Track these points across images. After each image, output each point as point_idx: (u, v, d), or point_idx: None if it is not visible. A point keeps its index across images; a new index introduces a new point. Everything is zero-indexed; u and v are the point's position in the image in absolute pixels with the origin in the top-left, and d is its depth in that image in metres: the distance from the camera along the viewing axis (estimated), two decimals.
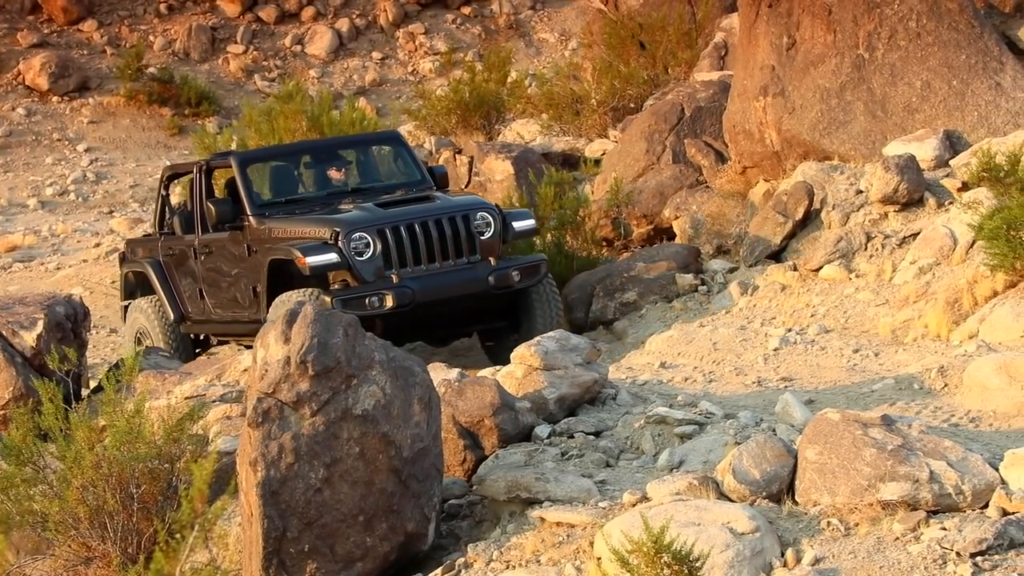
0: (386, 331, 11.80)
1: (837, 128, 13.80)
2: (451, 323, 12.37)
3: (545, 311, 12.41)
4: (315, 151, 13.88)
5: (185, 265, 13.48)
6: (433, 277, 12.05)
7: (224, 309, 13.14)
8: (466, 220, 12.25)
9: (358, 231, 11.98)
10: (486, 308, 12.35)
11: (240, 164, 13.00)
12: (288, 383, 7.55)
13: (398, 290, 11.83)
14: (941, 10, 13.71)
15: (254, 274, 12.57)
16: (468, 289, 12.12)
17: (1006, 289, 11.22)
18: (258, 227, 12.57)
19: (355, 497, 7.57)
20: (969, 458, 7.16)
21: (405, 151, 13.68)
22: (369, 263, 11.94)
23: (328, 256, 11.93)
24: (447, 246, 12.12)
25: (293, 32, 27.40)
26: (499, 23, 27.50)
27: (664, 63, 19.38)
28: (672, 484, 7.55)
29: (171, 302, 13.60)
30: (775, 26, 14.13)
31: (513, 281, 12.22)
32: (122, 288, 14.55)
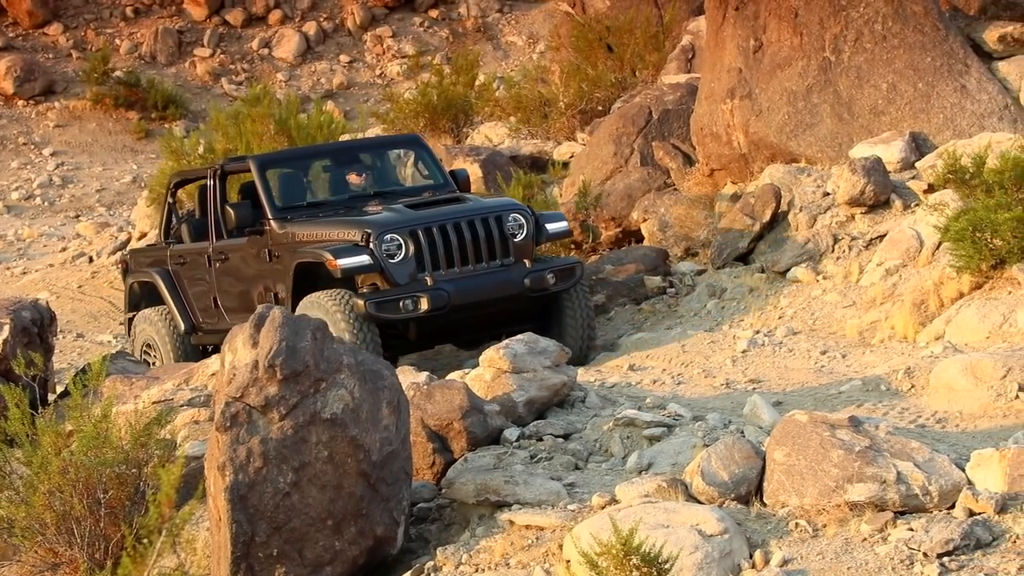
0: (419, 334, 11.73)
1: (804, 130, 13.85)
2: (484, 326, 12.01)
3: (576, 316, 12.10)
4: (335, 154, 13.53)
5: (197, 273, 13.11)
6: (468, 279, 11.73)
7: (240, 317, 12.74)
8: (499, 221, 11.92)
9: (390, 232, 11.62)
10: (520, 311, 12.00)
11: (259, 167, 12.64)
12: (256, 387, 7.53)
13: (433, 293, 11.52)
14: (906, 13, 13.77)
15: (276, 279, 12.23)
16: (503, 292, 11.80)
17: (972, 290, 11.28)
18: (279, 231, 12.18)
19: (324, 501, 7.56)
20: (936, 459, 7.19)
21: (427, 154, 13.36)
22: (402, 265, 11.60)
23: (360, 258, 11.57)
24: (480, 248, 11.80)
25: (260, 35, 27.35)
26: (467, 26, 27.50)
27: (632, 66, 19.41)
28: (641, 486, 7.56)
29: (181, 312, 13.22)
30: (742, 29, 14.18)
31: (548, 284, 11.89)
32: (126, 300, 14.09)
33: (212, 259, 12.89)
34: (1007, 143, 12.30)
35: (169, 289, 13.29)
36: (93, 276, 18.90)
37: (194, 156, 18.41)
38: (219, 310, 12.91)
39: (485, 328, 12.03)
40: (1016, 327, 10.65)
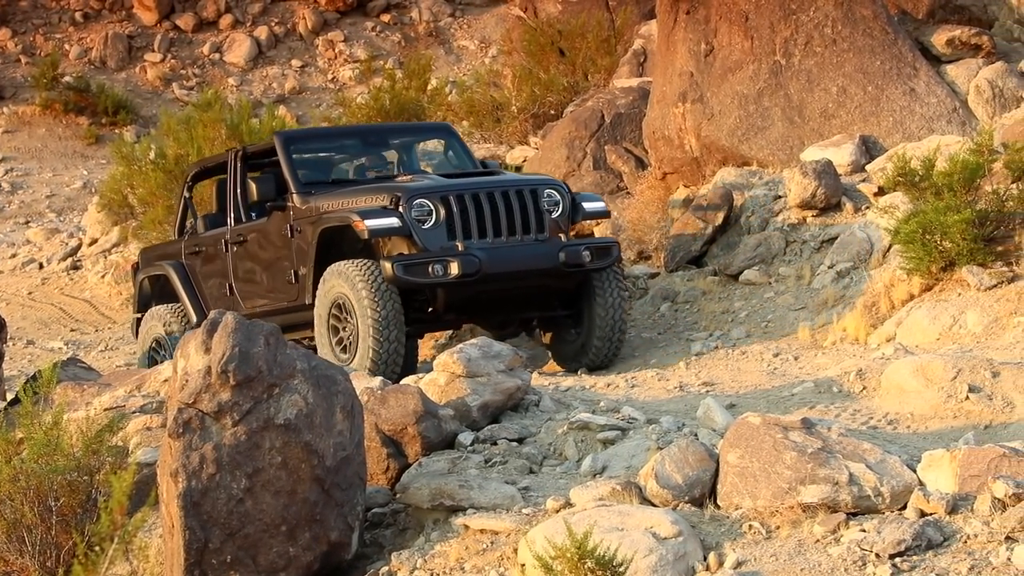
0: (447, 304, 11.24)
1: (755, 134, 13.91)
2: (515, 302, 11.47)
3: (609, 300, 11.49)
4: (364, 135, 13.28)
5: (212, 262, 12.70)
6: (501, 249, 11.12)
7: (258, 301, 12.32)
8: (534, 195, 11.37)
9: (420, 197, 11.07)
10: (553, 289, 11.46)
11: (284, 142, 12.22)
12: (209, 393, 7.50)
13: (465, 258, 10.92)
14: (856, 17, 13.86)
15: (298, 255, 11.75)
16: (537, 264, 11.19)
17: (922, 292, 11.37)
18: (303, 206, 11.71)
19: (277, 507, 7.53)
20: (887, 460, 7.24)
21: (457, 143, 12.92)
22: (432, 232, 11.02)
23: (389, 220, 11.01)
24: (514, 220, 11.22)
25: (211, 40, 27.24)
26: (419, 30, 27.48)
27: (584, 70, 19.44)
28: (595, 490, 7.58)
29: (194, 304, 12.76)
30: (693, 33, 14.23)
31: (584, 260, 11.26)
32: (135, 299, 13.62)
33: (230, 243, 12.47)
34: (956, 146, 12.40)
35: (182, 281, 12.88)
36: (43, 282, 18.77)
37: (145, 161, 18.31)
38: (234, 297, 12.49)
39: (516, 308, 11.55)
40: (966, 328, 10.74)
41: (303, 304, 11.64)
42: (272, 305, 12.11)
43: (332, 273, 11.18)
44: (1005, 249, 11.24)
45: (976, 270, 11.06)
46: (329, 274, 11.21)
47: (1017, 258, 11.11)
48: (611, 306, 11.48)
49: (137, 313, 13.50)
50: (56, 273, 18.95)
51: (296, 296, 11.80)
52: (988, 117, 13.64)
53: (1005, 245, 11.26)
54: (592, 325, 11.43)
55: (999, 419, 8.68)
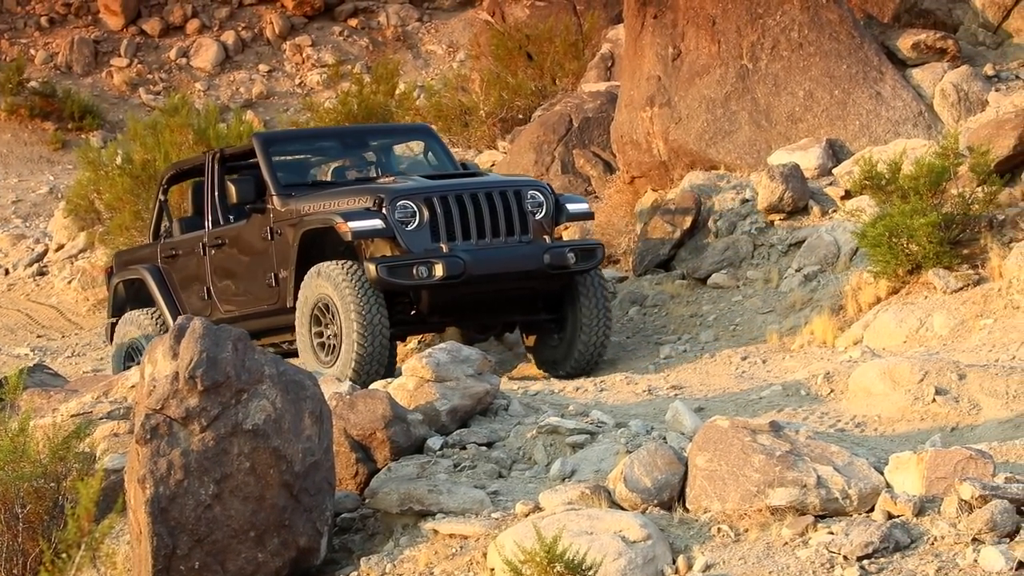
0: (431, 306, 11.18)
1: (723, 138, 13.95)
2: (499, 305, 11.41)
3: (593, 303, 11.43)
4: (343, 136, 13.24)
5: (189, 265, 12.56)
6: (485, 251, 11.09)
7: (236, 305, 12.21)
8: (518, 196, 11.31)
9: (404, 199, 11.02)
10: (537, 292, 11.40)
11: (264, 143, 12.13)
12: (177, 399, 7.48)
13: (449, 260, 10.89)
14: (822, 21, 13.92)
15: (277, 260, 11.66)
16: (522, 266, 11.14)
17: (889, 295, 11.42)
18: (283, 208, 11.62)
19: (246, 513, 7.51)
20: (855, 463, 7.26)
21: (437, 144, 12.86)
22: (415, 234, 10.98)
23: (372, 222, 10.95)
24: (498, 222, 11.17)
25: (178, 45, 27.16)
26: (386, 35, 27.46)
27: (551, 74, 19.47)
28: (564, 494, 7.58)
29: (170, 308, 12.54)
30: (660, 37, 14.26)
31: (569, 262, 11.21)
32: (110, 304, 13.39)
33: (208, 247, 12.34)
34: (922, 149, 12.46)
35: (158, 285, 12.70)
36: (9, 288, 18.67)
37: (111, 167, 18.23)
38: (212, 301, 12.35)
39: (499, 310, 11.51)
40: (932, 331, 10.79)
41: (283, 307, 11.55)
42: (251, 309, 12.01)
43: (315, 274, 11.09)
44: (971, 252, 11.30)
45: (942, 273, 11.11)
46: (312, 275, 11.11)
47: (983, 261, 11.17)
48: (595, 309, 11.41)
49: (112, 318, 13.31)
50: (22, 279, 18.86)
51: (276, 299, 11.70)
52: (953, 120, 13.71)
53: (971, 248, 11.32)
54: (576, 328, 11.36)
55: (966, 421, 8.73)
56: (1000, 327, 10.46)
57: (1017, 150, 12.08)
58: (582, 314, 11.39)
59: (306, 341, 11.18)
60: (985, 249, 11.22)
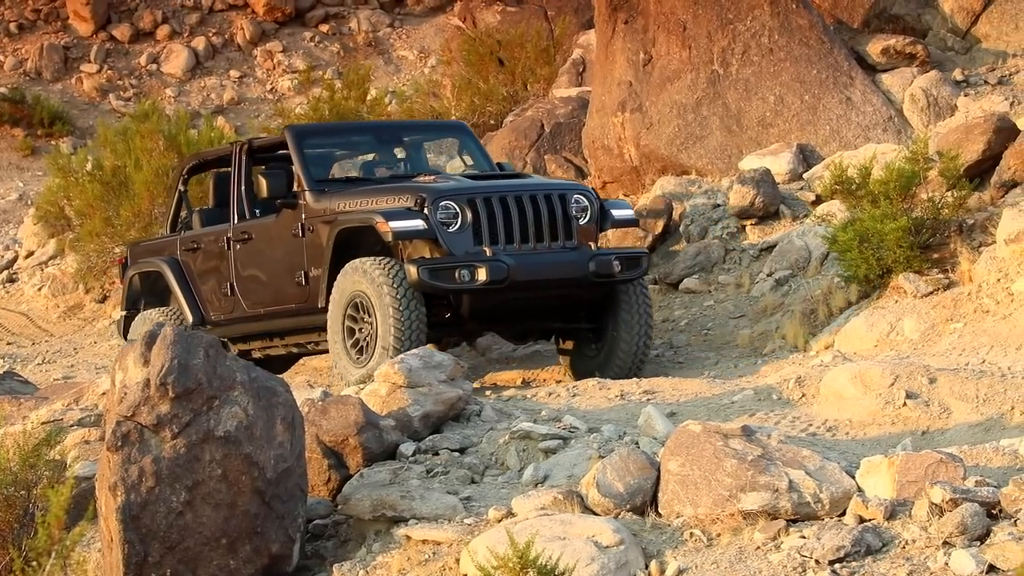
0: (472, 311, 10.78)
1: (694, 143, 13.99)
2: (540, 312, 11.02)
3: (635, 313, 11.04)
4: (377, 131, 12.80)
5: (211, 260, 12.09)
6: (529, 256, 10.67)
7: (261, 302, 11.75)
8: (563, 200, 10.88)
9: (446, 199, 10.59)
10: (579, 300, 11.00)
11: (296, 137, 11.66)
12: (148, 406, 7.46)
13: (493, 264, 10.48)
14: (792, 26, 13.98)
15: (308, 258, 11.22)
16: (567, 273, 10.74)
17: (860, 299, 11.46)
18: (315, 204, 11.18)
19: (218, 520, 7.49)
20: (827, 467, 7.28)
21: (472, 142, 12.38)
22: (457, 235, 10.57)
23: (414, 222, 10.51)
24: (542, 227, 10.76)
25: (148, 51, 27.09)
26: (358, 40, 27.44)
27: (523, 79, 19.48)
28: (537, 499, 7.58)
29: (190, 303, 12.12)
30: (631, 42, 14.29)
31: (614, 271, 10.80)
32: (123, 296, 12.88)
33: (233, 241, 11.88)
34: (892, 154, 12.52)
35: (177, 278, 12.23)
36: None
37: (82, 173, 18.17)
38: (235, 297, 11.91)
39: (539, 318, 11.12)
40: (903, 335, 10.83)
41: (313, 307, 11.19)
42: (278, 307, 11.63)
43: (352, 270, 10.72)
44: (941, 256, 11.35)
45: (912, 277, 11.16)
46: (348, 271, 10.74)
47: (953, 265, 11.22)
48: (637, 319, 11.07)
49: (124, 311, 12.85)
50: None
51: (305, 298, 11.33)
52: (923, 125, 13.78)
53: (941, 252, 11.37)
54: (617, 338, 11.03)
55: (936, 425, 8.76)
56: (970, 331, 10.51)
57: (986, 155, 12.14)
58: (623, 325, 11.04)
59: (338, 339, 10.81)
60: (955, 253, 11.27)
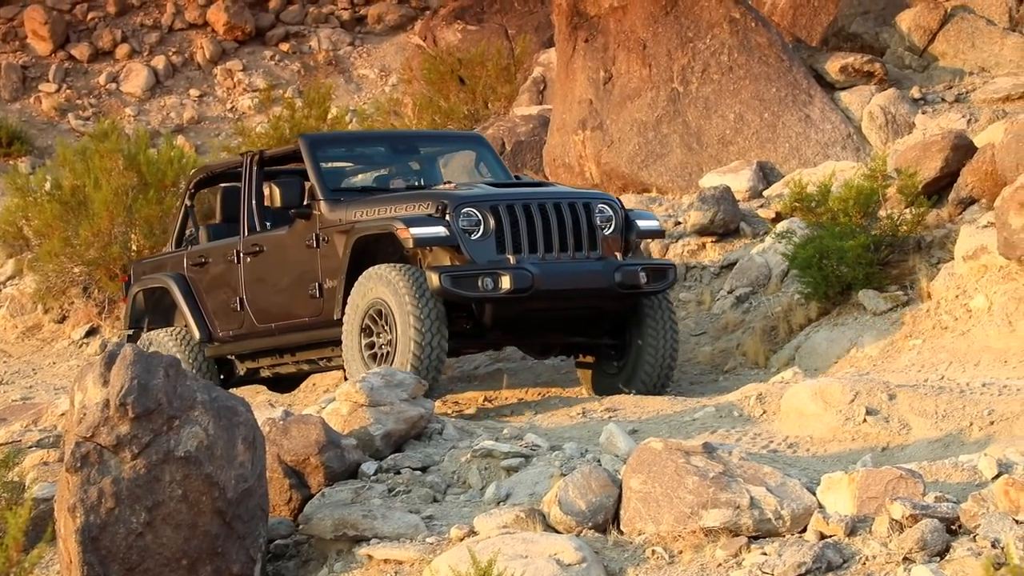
0: (494, 321, 10.46)
1: (654, 160, 14.03)
2: (563, 324, 10.70)
3: (661, 331, 10.72)
4: (393, 141, 12.45)
5: (220, 274, 11.75)
6: (554, 264, 10.36)
7: (273, 317, 11.41)
8: (587, 209, 10.57)
9: (468, 206, 10.30)
10: (604, 313, 10.69)
11: (310, 146, 11.34)
12: (107, 426, 7.41)
13: (517, 272, 10.17)
14: (751, 44, 14.05)
15: (324, 266, 10.90)
16: (592, 283, 10.41)
17: (820, 316, 11.51)
18: (331, 214, 10.87)
19: (178, 540, 7.45)
20: (787, 483, 7.30)
21: (489, 154, 12.11)
22: (480, 243, 10.26)
23: (436, 229, 10.21)
24: (566, 235, 10.45)
25: (108, 70, 27.00)
26: (318, 59, 27.41)
27: (484, 98, 19.51)
28: (499, 517, 7.57)
29: (197, 319, 11.76)
30: (592, 61, 14.33)
31: (641, 282, 10.46)
32: (127, 314, 12.47)
33: (243, 254, 11.54)
34: (850, 171, 12.59)
35: (184, 295, 11.88)
36: None
37: (40, 193, 18.06)
38: (245, 312, 11.57)
39: (562, 330, 10.79)
40: (863, 352, 10.88)
41: (327, 320, 10.87)
42: (290, 321, 11.30)
43: (371, 278, 10.38)
44: (900, 273, 11.41)
45: (872, 294, 11.22)
46: (367, 277, 10.41)
47: (912, 282, 11.28)
48: (663, 334, 10.74)
49: (128, 329, 12.43)
50: None
51: (320, 311, 11.00)
52: (881, 143, 13.87)
53: (900, 269, 11.44)
54: (643, 353, 10.72)
55: (896, 441, 8.80)
56: (929, 347, 10.57)
57: (944, 172, 12.23)
58: (648, 339, 10.72)
59: (355, 349, 10.49)
60: (914, 270, 11.34)
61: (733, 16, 14.21)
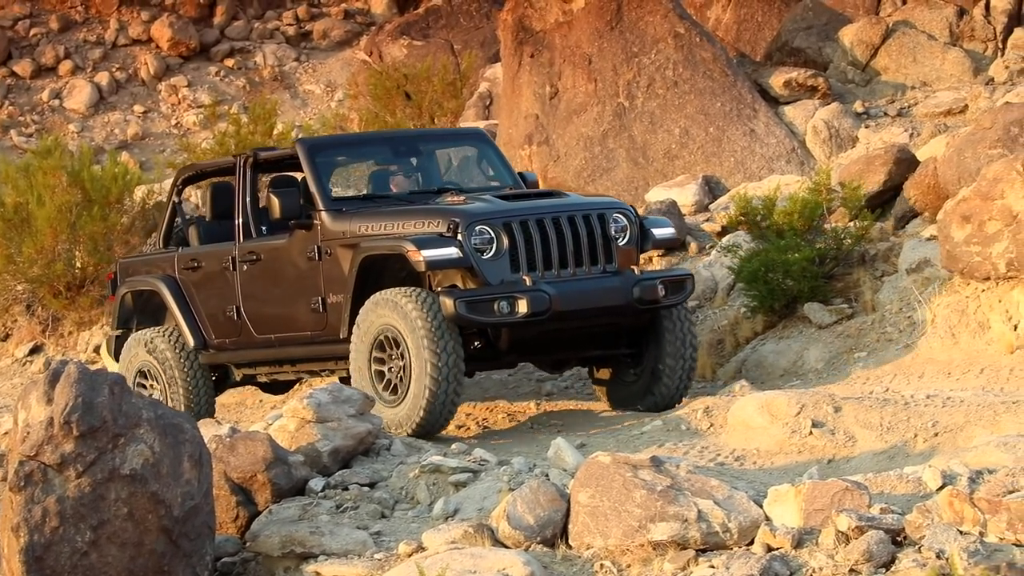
0: (511, 345, 10.13)
1: (601, 175, 14.08)
2: (579, 341, 10.38)
3: (680, 342, 10.39)
4: (393, 143, 11.82)
5: (214, 281, 11.22)
6: (570, 283, 9.97)
7: (273, 329, 10.94)
8: (602, 221, 10.17)
9: (481, 223, 9.86)
10: (622, 327, 10.35)
11: (309, 151, 10.80)
12: (52, 445, 7.36)
13: (534, 295, 9.76)
14: (696, 59, 14.13)
15: (327, 280, 10.46)
16: (610, 300, 10.04)
17: (766, 330, 11.56)
18: (333, 225, 10.40)
19: (124, 559, 7.40)
20: (735, 496, 7.33)
21: (492, 151, 11.58)
22: (493, 263, 9.85)
23: (448, 250, 9.75)
24: (581, 250, 10.07)
25: (51, 86, 26.83)
26: (263, 75, 27.35)
27: (430, 113, 19.53)
28: (447, 533, 7.56)
29: (191, 326, 11.28)
30: (538, 76, 14.38)
31: (659, 296, 10.13)
32: (115, 315, 11.98)
33: (239, 261, 11.05)
34: (795, 185, 12.67)
35: (176, 299, 11.36)
36: None
37: None
38: (243, 322, 11.09)
39: (579, 347, 10.48)
40: (808, 364, 10.95)
41: (332, 336, 10.48)
42: (291, 334, 10.84)
43: (379, 303, 9.96)
44: (845, 286, 11.49)
45: (817, 307, 11.29)
46: (375, 303, 9.98)
47: (856, 295, 11.36)
48: (681, 345, 10.40)
49: (116, 330, 12.03)
50: None
51: (323, 326, 10.58)
52: (825, 157, 13.98)
53: (844, 282, 11.52)
54: (662, 364, 10.40)
55: (842, 453, 8.85)
56: (874, 360, 10.64)
57: (887, 185, 12.33)
58: (668, 350, 10.39)
59: (365, 377, 10.10)
60: (858, 283, 11.42)
61: (678, 31, 14.30)
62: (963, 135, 11.78)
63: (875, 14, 15.54)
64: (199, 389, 11.34)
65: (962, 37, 15.06)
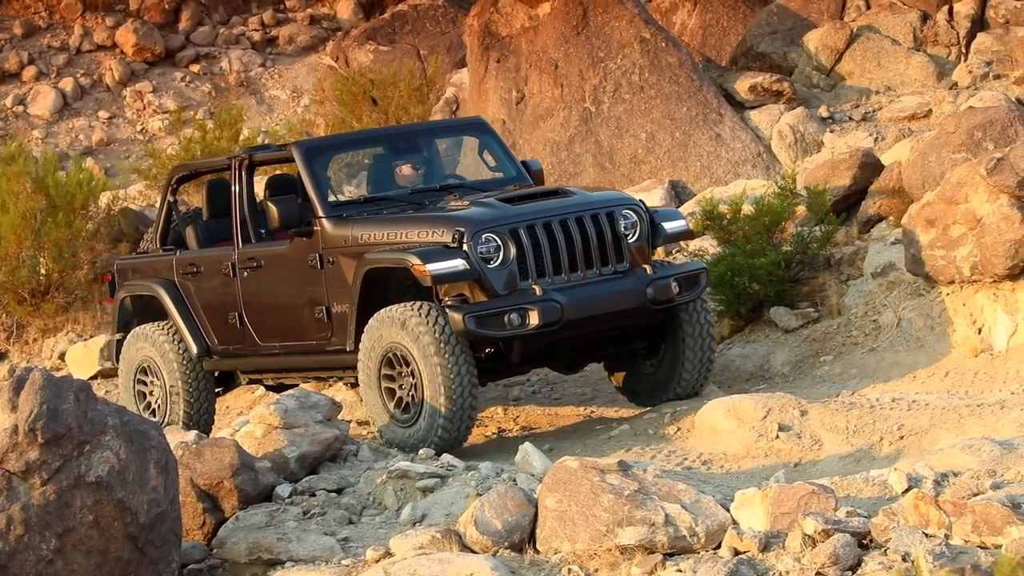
0: (523, 355, 9.87)
1: (568, 180, 14.10)
2: (595, 345, 10.11)
3: (696, 334, 10.14)
4: (391, 140, 11.35)
5: (214, 286, 10.91)
6: (581, 289, 9.67)
7: (277, 337, 10.64)
8: (611, 219, 9.85)
9: (487, 231, 9.55)
10: (637, 327, 10.05)
11: (305, 155, 10.42)
12: (16, 452, 7.32)
13: (544, 305, 9.46)
14: (662, 64, 14.17)
15: (329, 293, 10.17)
16: (623, 304, 9.74)
17: (732, 334, 11.60)
18: (334, 232, 10.07)
19: (90, 567, 7.37)
20: (702, 500, 7.34)
21: (495, 141, 11.11)
22: (500, 272, 9.54)
23: (454, 263, 9.44)
24: (591, 251, 9.76)
25: (14, 92, 26.70)
26: (229, 80, 27.28)
27: (397, 118, 19.50)
28: (415, 538, 7.56)
29: (193, 332, 10.99)
30: (504, 81, 14.39)
31: (673, 294, 9.84)
32: (115, 319, 11.70)
33: (239, 268, 10.73)
34: (761, 189, 12.71)
35: (177, 305, 11.08)
36: None
37: None
38: (246, 329, 10.81)
39: (594, 350, 10.22)
40: (775, 368, 10.98)
41: (340, 348, 10.17)
42: (297, 343, 10.54)
43: (385, 321, 9.66)
44: (811, 290, 11.54)
45: (783, 311, 11.33)
46: (381, 320, 9.69)
47: (822, 299, 11.40)
48: (699, 339, 10.15)
49: (118, 334, 11.68)
50: None
51: (328, 335, 10.27)
52: (791, 161, 14.03)
53: (810, 286, 11.56)
54: (680, 358, 10.17)
55: (808, 457, 8.88)
56: (840, 363, 10.69)
57: (852, 189, 12.39)
58: (685, 345, 10.15)
59: (375, 395, 9.82)
60: (824, 287, 11.46)
61: (644, 36, 14.34)
62: (927, 139, 11.84)
63: (839, 19, 15.61)
64: (198, 388, 11.16)
65: (926, 42, 15.15)
